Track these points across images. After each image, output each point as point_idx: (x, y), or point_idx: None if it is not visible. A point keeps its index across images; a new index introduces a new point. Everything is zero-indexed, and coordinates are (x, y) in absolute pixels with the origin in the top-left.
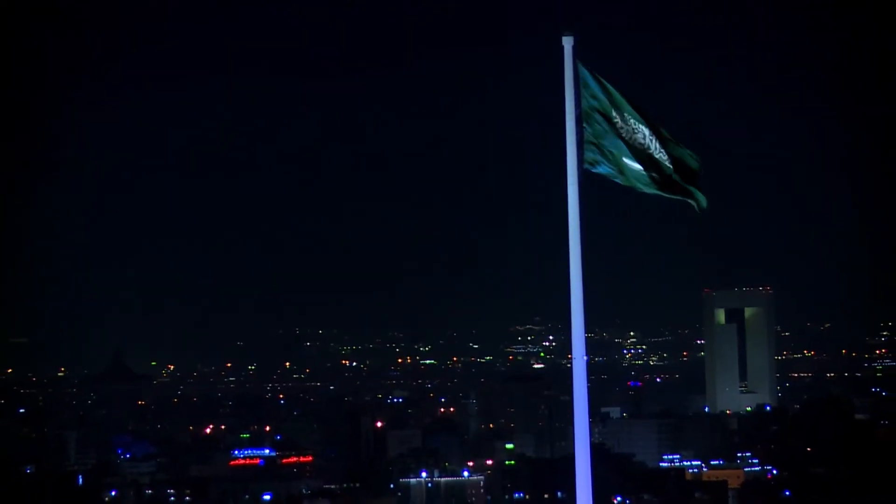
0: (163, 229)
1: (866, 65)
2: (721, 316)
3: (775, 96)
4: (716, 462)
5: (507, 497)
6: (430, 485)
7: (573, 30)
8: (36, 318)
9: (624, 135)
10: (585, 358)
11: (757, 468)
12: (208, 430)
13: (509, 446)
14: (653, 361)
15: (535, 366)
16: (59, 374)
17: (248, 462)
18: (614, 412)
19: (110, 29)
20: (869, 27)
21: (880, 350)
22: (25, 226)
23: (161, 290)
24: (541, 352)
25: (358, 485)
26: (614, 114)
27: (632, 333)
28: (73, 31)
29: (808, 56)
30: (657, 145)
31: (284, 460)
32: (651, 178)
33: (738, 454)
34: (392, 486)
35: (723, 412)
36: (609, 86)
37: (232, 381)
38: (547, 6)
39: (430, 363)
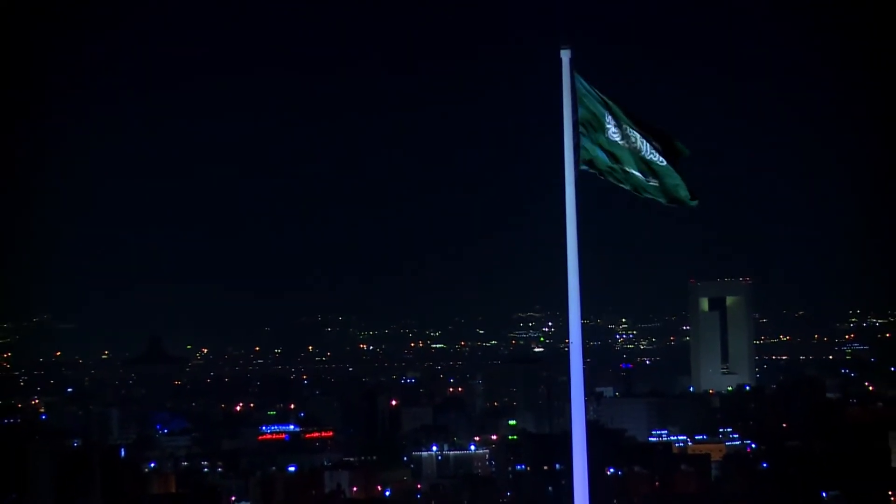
0: (195, 225)
1: (855, 64)
2: (705, 304)
3: (758, 99)
4: (700, 437)
5: (510, 469)
6: (439, 457)
7: (571, 43)
8: (82, 305)
9: (617, 139)
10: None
11: (737, 442)
12: (238, 408)
13: (512, 423)
14: (643, 345)
15: (536, 349)
16: (103, 356)
17: (274, 437)
18: (608, 391)
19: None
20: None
21: (849, 335)
22: (70, 220)
23: (195, 280)
24: (541, 337)
25: (374, 457)
26: (608, 120)
27: (623, 320)
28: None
29: (796, 59)
30: (649, 148)
31: (307, 435)
32: (640, 179)
33: (721, 430)
34: (405, 458)
35: (706, 392)
36: (597, 97)
37: (260, 363)
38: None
39: (439, 347)
